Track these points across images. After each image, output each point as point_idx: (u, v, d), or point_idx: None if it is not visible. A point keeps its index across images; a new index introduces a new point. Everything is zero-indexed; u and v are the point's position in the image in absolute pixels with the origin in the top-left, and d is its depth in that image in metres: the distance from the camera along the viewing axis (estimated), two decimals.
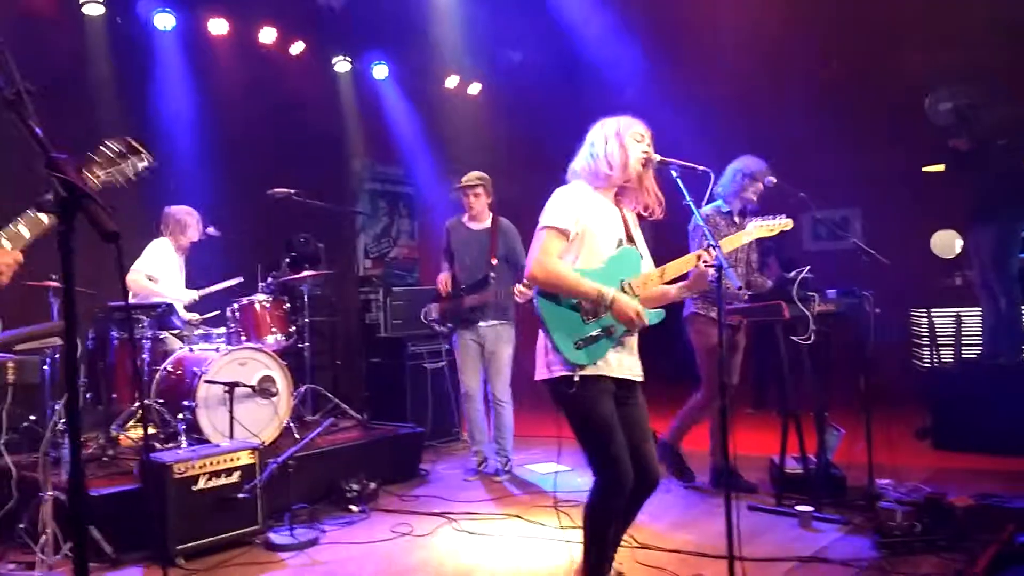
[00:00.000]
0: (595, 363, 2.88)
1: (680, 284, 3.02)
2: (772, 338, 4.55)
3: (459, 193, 5.22)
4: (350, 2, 7.02)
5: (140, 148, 2.34)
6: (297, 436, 4.86)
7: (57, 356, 4.10)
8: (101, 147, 2.31)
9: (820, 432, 4.35)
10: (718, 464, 4.70)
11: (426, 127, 8.50)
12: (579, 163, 3.06)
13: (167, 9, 6.29)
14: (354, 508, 4.48)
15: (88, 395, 4.71)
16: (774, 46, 7.49)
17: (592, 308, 2.90)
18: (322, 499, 4.56)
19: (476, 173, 5.19)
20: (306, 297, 5.67)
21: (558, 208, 2.96)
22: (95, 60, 6.05)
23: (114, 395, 4.72)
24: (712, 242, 2.92)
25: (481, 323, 5.15)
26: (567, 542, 3.69)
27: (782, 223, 3.42)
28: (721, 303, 3.03)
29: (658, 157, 3.00)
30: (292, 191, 5.51)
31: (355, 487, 4.57)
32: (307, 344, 5.67)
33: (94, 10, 5.94)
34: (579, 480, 4.99)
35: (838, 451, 4.54)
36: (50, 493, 3.51)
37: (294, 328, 5.42)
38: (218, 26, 6.64)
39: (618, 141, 2.98)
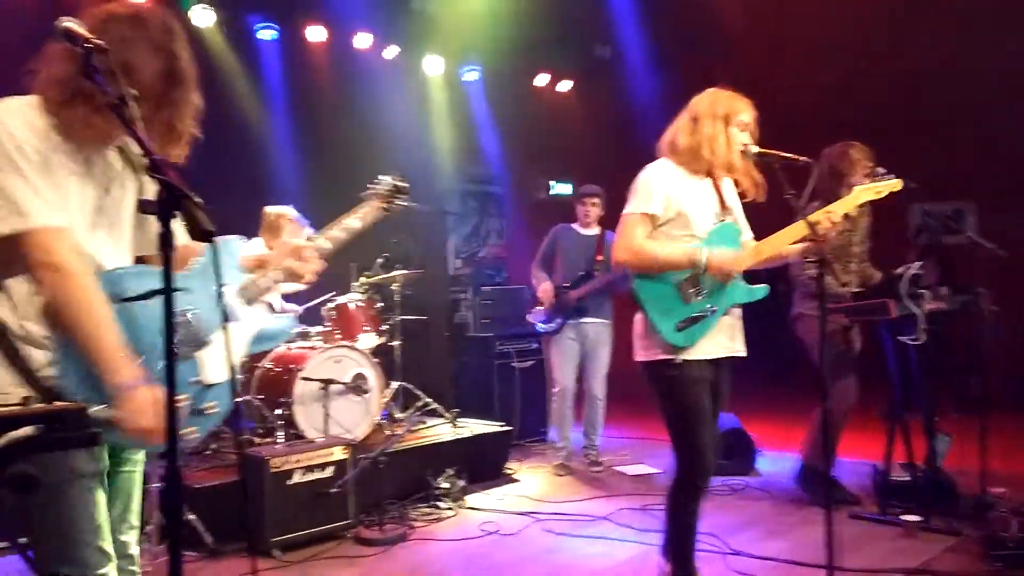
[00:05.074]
0: (695, 344, 2.81)
1: (801, 246, 2.89)
2: (877, 338, 4.31)
3: (578, 201, 5.50)
4: (440, 5, 7.12)
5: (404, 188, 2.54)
6: (388, 432, 4.95)
7: None
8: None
9: (929, 438, 4.10)
10: (812, 466, 4.48)
11: (515, 127, 8.53)
12: (680, 138, 2.92)
13: (271, 25, 6.55)
14: (442, 505, 4.53)
15: None
16: (879, 29, 7.17)
17: (691, 283, 2.83)
18: (412, 495, 4.61)
19: (595, 187, 5.51)
20: (397, 297, 5.77)
21: (643, 193, 2.89)
22: (204, 65, 6.29)
23: None
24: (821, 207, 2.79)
25: (583, 320, 5.30)
26: (654, 545, 3.60)
27: (890, 183, 3.12)
28: (824, 302, 2.87)
29: (756, 149, 2.88)
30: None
31: (444, 484, 4.61)
32: (398, 342, 5.76)
33: (203, 19, 6.12)
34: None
35: (947, 458, 4.27)
36: (156, 484, 3.66)
37: (386, 327, 5.52)
38: (316, 33, 6.87)
39: (724, 128, 2.87)
